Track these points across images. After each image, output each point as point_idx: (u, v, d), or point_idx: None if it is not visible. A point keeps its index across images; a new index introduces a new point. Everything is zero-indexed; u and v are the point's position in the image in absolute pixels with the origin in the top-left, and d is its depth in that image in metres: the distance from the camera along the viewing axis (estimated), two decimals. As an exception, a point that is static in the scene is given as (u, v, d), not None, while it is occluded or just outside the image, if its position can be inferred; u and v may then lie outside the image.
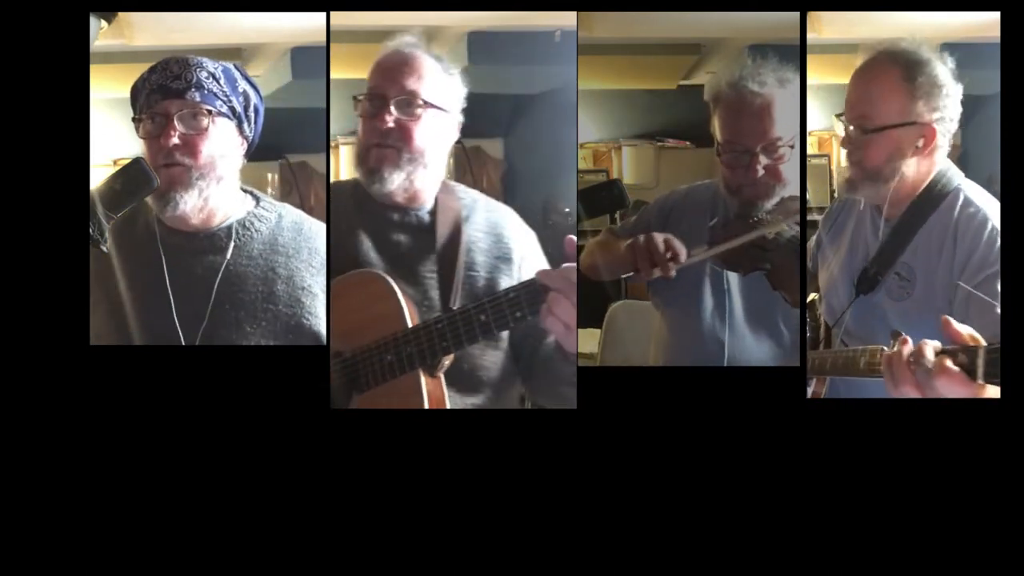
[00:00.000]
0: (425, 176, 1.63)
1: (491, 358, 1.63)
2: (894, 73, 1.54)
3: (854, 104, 1.57)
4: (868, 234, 1.64)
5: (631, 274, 1.68)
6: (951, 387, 1.17)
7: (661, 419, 1.65)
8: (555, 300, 1.42)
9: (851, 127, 1.57)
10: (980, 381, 1.15)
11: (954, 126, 1.56)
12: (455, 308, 1.55)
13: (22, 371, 1.63)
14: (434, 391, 1.54)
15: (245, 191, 1.68)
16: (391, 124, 1.59)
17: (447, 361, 1.54)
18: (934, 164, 1.56)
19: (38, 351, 1.64)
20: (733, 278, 1.74)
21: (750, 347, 1.73)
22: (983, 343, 1.17)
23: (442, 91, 1.64)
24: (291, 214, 1.67)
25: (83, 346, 1.64)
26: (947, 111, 1.53)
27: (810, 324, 1.72)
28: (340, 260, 1.61)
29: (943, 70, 1.53)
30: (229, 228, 1.61)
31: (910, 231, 1.56)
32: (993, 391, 1.15)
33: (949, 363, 1.17)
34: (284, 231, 1.64)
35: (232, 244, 1.60)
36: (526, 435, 1.64)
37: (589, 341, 2.05)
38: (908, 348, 1.23)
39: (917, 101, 1.52)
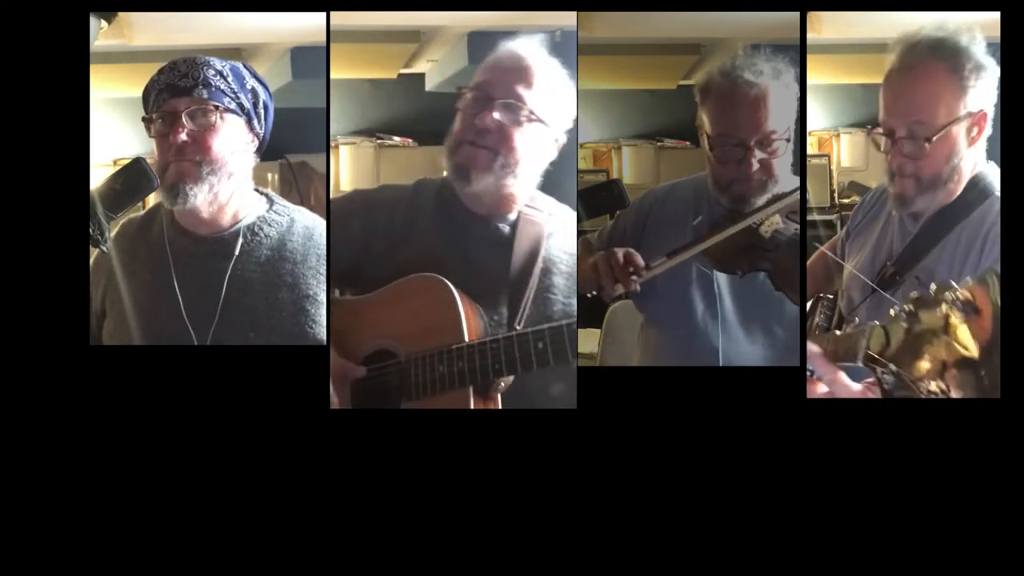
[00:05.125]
0: (514, 186, 1.57)
1: (557, 389, 1.57)
2: (939, 68, 1.45)
3: (904, 112, 1.47)
4: (896, 230, 1.58)
5: (594, 293, 1.63)
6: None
7: (661, 419, 1.65)
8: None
9: (904, 138, 1.46)
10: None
11: (992, 107, 1.47)
12: (515, 331, 1.49)
13: (22, 371, 1.63)
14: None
15: (260, 192, 1.67)
16: (491, 126, 1.53)
17: (503, 384, 1.49)
18: (978, 158, 1.49)
19: (38, 351, 1.64)
20: (723, 281, 1.71)
21: (744, 350, 1.70)
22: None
23: (550, 105, 1.57)
24: (304, 219, 1.65)
25: (83, 346, 1.64)
26: (990, 92, 1.46)
27: (826, 314, 1.69)
28: (413, 260, 1.57)
29: (979, 49, 1.46)
30: (238, 232, 1.61)
31: (937, 236, 1.49)
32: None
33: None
34: (294, 236, 1.62)
35: (238, 248, 1.60)
36: (526, 435, 1.64)
37: (589, 341, 2.05)
38: None
39: (968, 92, 1.44)
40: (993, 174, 1.51)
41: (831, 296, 1.70)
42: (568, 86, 1.60)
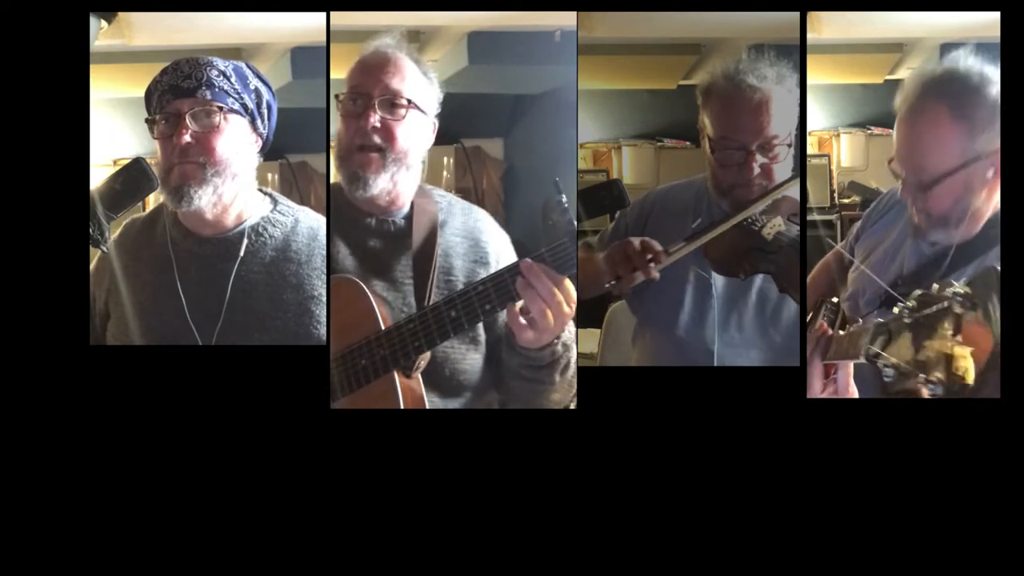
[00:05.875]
0: (406, 178, 1.61)
1: (471, 361, 1.61)
2: (942, 113, 1.39)
3: (906, 156, 1.43)
4: (909, 247, 1.53)
5: (613, 283, 1.63)
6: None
7: (661, 419, 1.65)
8: (521, 286, 1.42)
9: (909, 181, 1.43)
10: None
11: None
12: (426, 307, 1.53)
13: (22, 371, 1.63)
14: (410, 391, 1.52)
15: (264, 192, 1.67)
16: (376, 123, 1.57)
17: (423, 361, 1.52)
18: (996, 197, 1.43)
19: (38, 351, 1.64)
20: (720, 285, 1.71)
21: (740, 354, 1.70)
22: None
23: (422, 93, 1.62)
24: (308, 219, 1.65)
25: (83, 346, 1.64)
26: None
27: (829, 318, 1.69)
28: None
29: (993, 83, 1.39)
30: (243, 233, 1.61)
31: (953, 266, 1.44)
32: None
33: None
34: (299, 236, 1.63)
35: (243, 249, 1.60)
36: (526, 435, 1.64)
37: (589, 341, 2.05)
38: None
39: (977, 139, 1.38)
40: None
41: (834, 300, 1.70)
42: (427, 72, 1.64)
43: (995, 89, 1.39)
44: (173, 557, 1.63)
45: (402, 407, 1.50)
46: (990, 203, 1.43)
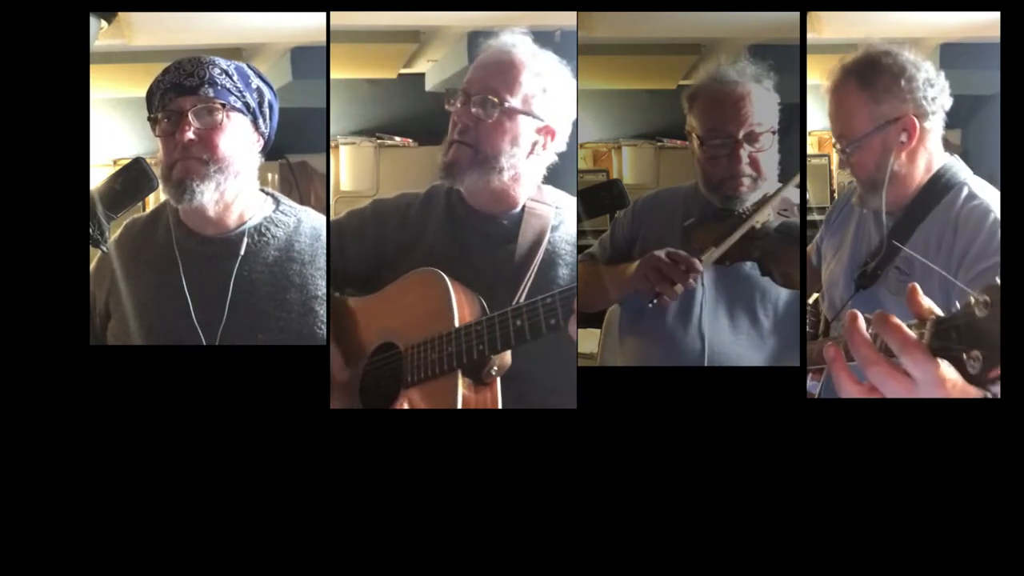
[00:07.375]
0: (508, 181, 1.59)
1: (548, 370, 1.58)
2: (851, 85, 1.58)
3: (832, 126, 1.63)
4: (871, 229, 1.64)
5: (654, 302, 1.66)
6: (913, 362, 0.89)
7: (661, 419, 1.65)
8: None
9: (837, 150, 1.61)
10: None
11: (939, 107, 1.57)
12: (495, 312, 1.51)
13: (22, 371, 1.63)
14: (473, 398, 1.50)
15: (266, 193, 1.67)
16: (468, 121, 1.57)
17: (495, 368, 1.50)
18: (932, 156, 1.57)
19: (38, 351, 1.64)
20: (705, 273, 1.72)
21: (729, 341, 1.73)
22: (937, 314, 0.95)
23: (534, 95, 1.59)
24: (311, 219, 1.66)
25: (83, 346, 1.64)
26: (923, 93, 1.55)
27: (811, 320, 1.72)
28: (420, 261, 1.60)
29: (903, 59, 1.56)
30: (244, 233, 1.61)
31: (911, 226, 1.57)
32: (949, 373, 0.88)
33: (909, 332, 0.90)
34: (302, 237, 1.63)
35: (244, 248, 1.60)
36: (526, 435, 1.64)
37: (589, 341, 2.05)
38: (862, 323, 0.94)
39: (881, 103, 1.55)
40: (958, 165, 1.58)
41: (811, 303, 1.74)
42: (562, 77, 1.62)
43: (892, 59, 1.57)
44: (173, 557, 1.63)
45: (460, 408, 1.49)
46: (913, 166, 1.58)
